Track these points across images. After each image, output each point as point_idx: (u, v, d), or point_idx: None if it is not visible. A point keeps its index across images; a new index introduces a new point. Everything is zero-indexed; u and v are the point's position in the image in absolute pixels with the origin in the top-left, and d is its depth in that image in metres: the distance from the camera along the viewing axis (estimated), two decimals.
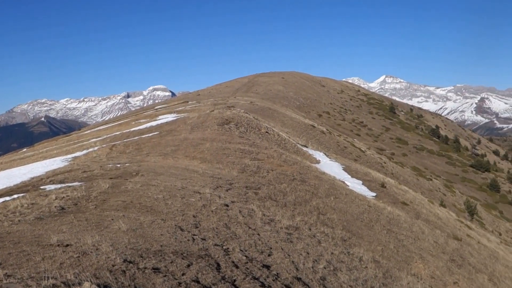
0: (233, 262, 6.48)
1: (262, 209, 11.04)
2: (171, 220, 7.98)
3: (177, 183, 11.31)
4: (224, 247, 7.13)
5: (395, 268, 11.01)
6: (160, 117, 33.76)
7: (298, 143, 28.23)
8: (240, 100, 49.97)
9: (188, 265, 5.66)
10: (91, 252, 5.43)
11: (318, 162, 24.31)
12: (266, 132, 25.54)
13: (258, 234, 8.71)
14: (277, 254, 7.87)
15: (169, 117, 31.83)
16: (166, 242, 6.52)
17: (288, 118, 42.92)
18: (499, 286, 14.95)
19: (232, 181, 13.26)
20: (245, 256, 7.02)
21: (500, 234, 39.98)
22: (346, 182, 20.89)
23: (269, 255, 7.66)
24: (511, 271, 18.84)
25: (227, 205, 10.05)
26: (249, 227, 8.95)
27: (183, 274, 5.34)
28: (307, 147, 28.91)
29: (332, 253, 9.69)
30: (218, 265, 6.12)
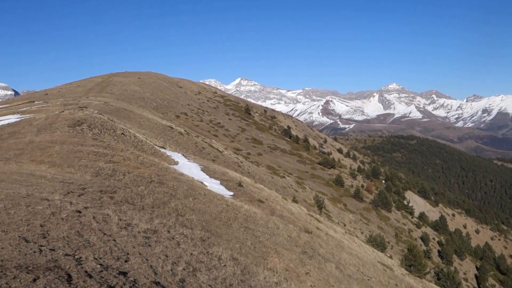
0: (86, 271, 6.08)
1: (118, 213, 10.58)
2: (14, 231, 7.23)
3: (21, 190, 10.32)
4: (76, 257, 6.67)
5: (253, 264, 11.36)
6: (1, 118, 30.61)
7: (156, 145, 27.75)
8: (93, 101, 47.54)
9: (35, 280, 5.17)
10: None
11: (176, 163, 24.13)
12: (122, 133, 24.64)
13: (114, 240, 8.32)
14: (135, 260, 7.60)
15: (12, 118, 29.01)
16: (8, 256, 5.88)
17: (145, 119, 41.98)
18: (344, 272, 16.30)
19: (85, 186, 12.51)
20: (100, 264, 6.65)
21: (345, 225, 43.76)
22: (204, 182, 21.05)
23: (126, 261, 7.36)
24: (354, 258, 20.69)
25: (79, 212, 9.44)
26: (104, 233, 8.50)
27: None
28: (165, 148, 28.55)
29: (191, 254, 9.66)
30: (69, 276, 5.69)
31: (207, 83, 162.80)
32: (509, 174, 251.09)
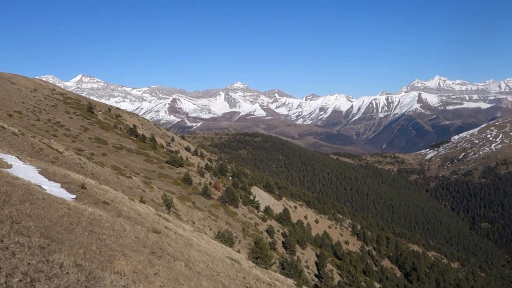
0: None
1: None
2: None
3: None
4: None
5: (98, 268, 10.96)
6: None
7: None
8: None
9: None
10: None
11: (10, 166, 22.11)
12: None
13: None
14: None
15: None
16: None
17: None
18: (194, 269, 16.55)
19: None
20: None
21: (194, 223, 44.30)
22: (43, 186, 19.64)
23: None
24: (203, 255, 21.10)
25: None
26: None
27: None
28: None
29: (29, 263, 8.99)
30: None
31: (44, 79, 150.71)
32: (343, 167, 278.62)
